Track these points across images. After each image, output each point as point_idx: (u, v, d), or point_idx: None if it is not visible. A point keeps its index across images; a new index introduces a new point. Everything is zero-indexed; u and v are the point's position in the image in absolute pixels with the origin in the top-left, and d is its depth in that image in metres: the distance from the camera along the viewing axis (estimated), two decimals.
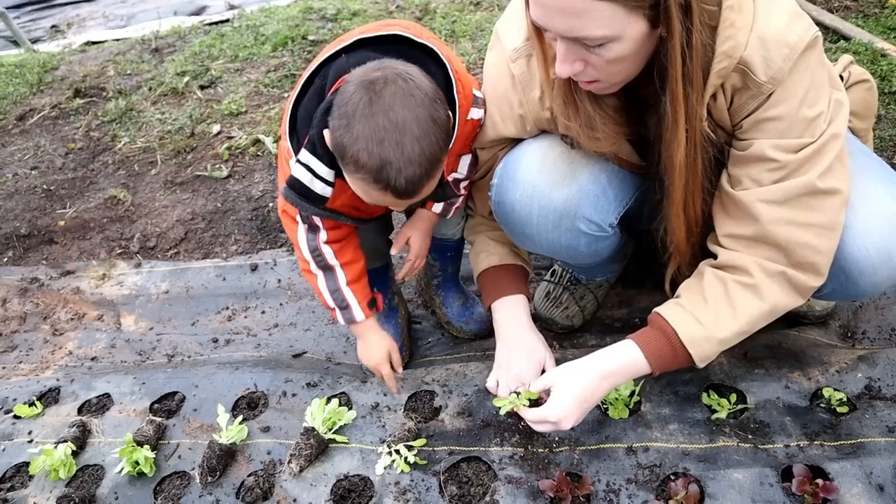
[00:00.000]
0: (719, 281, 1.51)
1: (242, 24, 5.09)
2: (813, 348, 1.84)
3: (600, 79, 1.36)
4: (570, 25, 1.23)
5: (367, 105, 1.34)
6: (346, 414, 1.88)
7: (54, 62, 5.10)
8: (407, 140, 1.34)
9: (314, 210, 1.58)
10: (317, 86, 1.55)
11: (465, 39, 3.98)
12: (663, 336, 1.52)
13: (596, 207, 1.65)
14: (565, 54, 1.31)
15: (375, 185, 1.40)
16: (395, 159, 1.35)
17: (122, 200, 3.38)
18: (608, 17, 1.20)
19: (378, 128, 1.34)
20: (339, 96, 1.40)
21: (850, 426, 1.59)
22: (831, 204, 1.41)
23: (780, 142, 1.39)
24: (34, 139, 4.09)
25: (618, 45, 1.25)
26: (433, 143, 1.39)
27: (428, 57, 1.56)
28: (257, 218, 3.06)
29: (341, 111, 1.38)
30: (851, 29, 3.15)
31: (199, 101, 4.06)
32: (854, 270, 1.49)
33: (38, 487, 1.94)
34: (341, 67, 1.51)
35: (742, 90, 1.38)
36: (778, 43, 1.31)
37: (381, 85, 1.36)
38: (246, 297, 2.68)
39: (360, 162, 1.36)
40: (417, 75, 1.41)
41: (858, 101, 1.69)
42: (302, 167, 1.51)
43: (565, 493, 1.55)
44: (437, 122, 1.40)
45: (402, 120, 1.34)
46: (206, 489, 1.79)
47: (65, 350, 2.67)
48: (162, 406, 2.13)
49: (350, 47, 1.54)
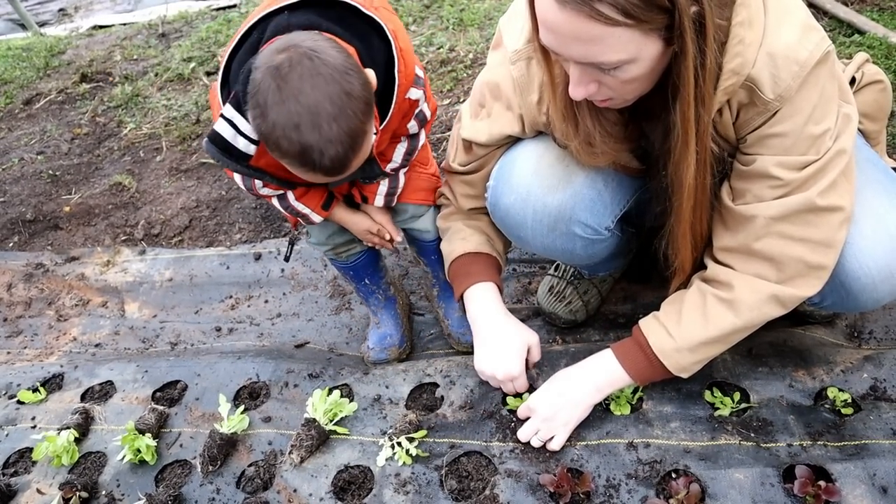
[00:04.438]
0: (700, 294, 1.53)
1: (249, 9, 5.06)
2: (818, 347, 1.82)
3: (614, 97, 1.34)
4: (585, 52, 1.20)
5: (277, 92, 1.31)
6: (347, 405, 1.88)
7: (61, 46, 5.10)
8: (322, 121, 1.31)
9: (237, 167, 1.53)
10: (253, 39, 1.49)
11: (474, 28, 3.94)
12: (638, 347, 1.60)
13: (592, 211, 1.64)
14: (580, 78, 1.28)
15: (303, 168, 1.38)
16: (315, 142, 1.32)
17: (127, 187, 3.38)
18: (625, 41, 1.16)
19: (291, 114, 1.30)
20: (250, 84, 1.36)
21: (855, 427, 1.57)
22: (830, 221, 1.39)
23: (785, 159, 1.36)
24: (40, 124, 4.09)
25: (634, 67, 1.22)
26: (350, 117, 1.35)
27: (373, 30, 1.51)
28: (261, 206, 3.06)
29: (254, 101, 1.34)
30: (866, 23, 3.10)
31: (206, 88, 4.04)
32: (855, 287, 1.47)
33: (41, 473, 1.95)
34: (280, 25, 1.45)
35: (748, 106, 1.35)
36: (787, 60, 1.27)
37: (287, 68, 1.31)
38: (249, 286, 2.69)
39: (283, 149, 1.34)
40: (325, 49, 1.35)
41: (871, 103, 1.66)
42: (225, 122, 1.45)
43: (565, 488, 1.55)
44: (352, 94, 1.35)
45: (313, 101, 1.31)
46: (206, 478, 1.80)
47: (69, 336, 2.69)
48: (164, 394, 2.14)
49: (295, 6, 1.48)
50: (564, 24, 1.16)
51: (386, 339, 2.19)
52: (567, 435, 1.66)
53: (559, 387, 1.68)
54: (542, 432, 1.66)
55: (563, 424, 1.65)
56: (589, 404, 1.66)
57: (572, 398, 1.65)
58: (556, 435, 1.66)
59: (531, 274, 2.44)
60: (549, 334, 2.16)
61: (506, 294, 2.40)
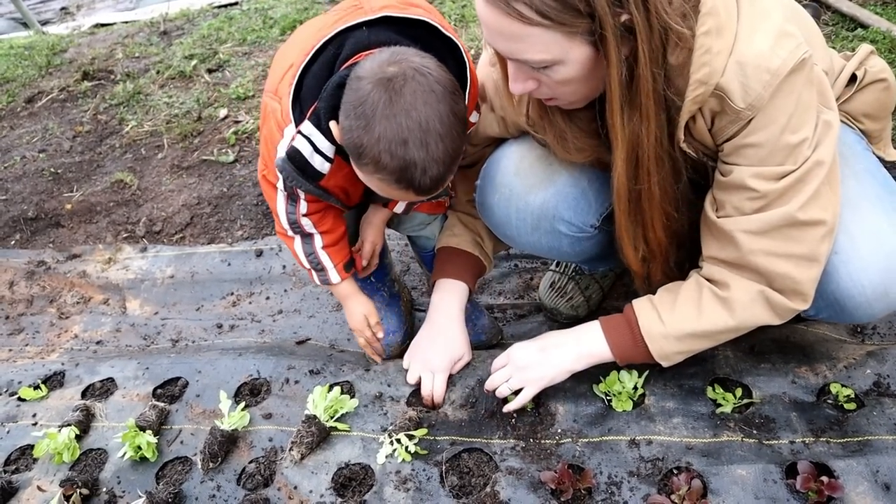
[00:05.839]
0: (697, 286, 1.52)
1: (251, 7, 5.06)
2: (821, 343, 1.81)
3: (555, 97, 1.34)
4: (510, 48, 1.23)
5: (388, 105, 1.29)
6: (348, 402, 1.87)
7: (63, 44, 5.10)
8: (431, 139, 1.31)
9: (307, 187, 1.52)
10: (329, 54, 1.46)
11: (475, 25, 3.93)
12: (627, 325, 1.58)
13: (575, 210, 1.64)
14: (515, 74, 1.30)
15: (397, 185, 1.37)
16: (421, 160, 1.31)
17: (128, 184, 3.38)
18: (546, 41, 1.18)
19: (401, 129, 1.29)
20: (353, 93, 1.34)
21: (857, 423, 1.56)
22: (812, 235, 1.37)
23: (761, 170, 1.34)
24: (42, 122, 4.09)
25: (563, 68, 1.23)
26: (455, 138, 1.36)
27: (447, 51, 1.50)
28: (263, 203, 3.05)
29: (358, 111, 1.32)
30: (869, 17, 3.08)
31: (207, 85, 4.04)
32: (849, 304, 1.46)
33: (42, 470, 1.95)
34: (360, 41, 1.43)
35: (721, 114, 1.33)
36: (758, 69, 1.25)
37: (401, 82, 1.30)
38: (251, 283, 2.68)
39: (382, 163, 1.32)
40: (434, 68, 1.36)
41: (872, 102, 1.62)
42: (304, 139, 1.44)
43: (567, 485, 1.54)
44: (458, 115, 1.37)
45: (425, 118, 1.30)
46: (207, 475, 1.79)
47: (70, 333, 2.69)
48: (165, 391, 2.13)
49: (372, 22, 1.45)
50: (489, 19, 1.20)
51: (388, 335, 2.18)
52: (534, 392, 1.65)
53: (543, 343, 1.67)
54: (513, 380, 1.65)
55: (534, 380, 1.64)
56: (566, 370, 1.64)
57: (551, 358, 1.64)
58: (525, 387, 1.64)
59: (533, 270, 2.44)
60: (550, 330, 2.15)
61: (507, 289, 2.40)
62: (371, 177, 1.40)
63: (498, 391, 1.68)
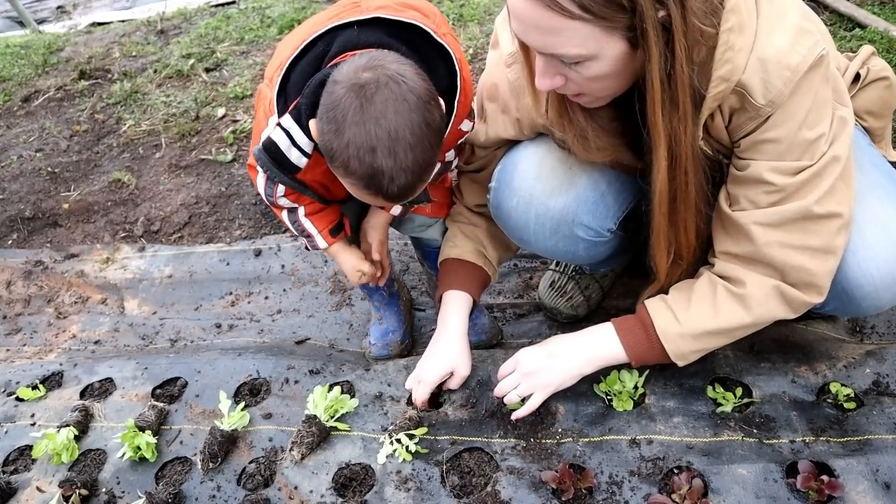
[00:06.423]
0: (710, 284, 1.51)
1: (248, 6, 5.05)
2: (820, 342, 1.82)
3: (583, 93, 1.33)
4: (545, 42, 1.21)
5: (358, 111, 1.28)
6: (348, 402, 1.87)
7: (59, 43, 5.08)
8: (400, 148, 1.30)
9: (283, 179, 1.52)
10: (318, 51, 1.46)
11: (474, 23, 3.93)
12: (641, 327, 1.55)
13: (594, 214, 1.64)
14: (544, 69, 1.28)
15: (367, 191, 1.37)
16: (388, 169, 1.30)
17: (126, 184, 3.37)
18: (583, 36, 1.17)
19: (370, 136, 1.28)
20: (328, 96, 1.33)
21: (857, 422, 1.57)
22: (828, 228, 1.38)
23: (779, 164, 1.35)
24: (39, 121, 4.07)
25: (596, 64, 1.22)
26: (427, 149, 1.34)
27: (440, 57, 1.49)
28: (261, 202, 3.05)
29: (330, 115, 1.31)
30: (867, 17, 3.09)
31: (205, 84, 4.03)
32: (857, 294, 1.47)
33: (40, 471, 1.94)
34: (349, 40, 1.43)
35: (740, 111, 1.34)
36: (779, 65, 1.26)
37: (373, 89, 1.29)
38: (249, 283, 2.68)
39: (351, 169, 1.32)
40: (411, 76, 1.34)
41: (875, 100, 1.64)
42: (282, 132, 1.44)
43: (568, 484, 1.54)
44: (431, 125, 1.35)
45: (394, 127, 1.29)
46: (207, 475, 1.79)
47: (68, 333, 2.68)
48: (164, 391, 2.13)
49: (364, 22, 1.45)
50: (526, 12, 1.18)
51: (388, 334, 2.18)
52: (543, 398, 1.63)
53: (551, 348, 1.65)
54: (522, 387, 1.63)
55: (543, 385, 1.62)
56: (576, 375, 1.63)
57: (561, 363, 1.62)
58: (533, 393, 1.62)
59: (532, 269, 2.44)
60: (550, 329, 2.16)
61: (507, 289, 2.40)
62: (343, 179, 1.40)
63: (507, 398, 1.66)
